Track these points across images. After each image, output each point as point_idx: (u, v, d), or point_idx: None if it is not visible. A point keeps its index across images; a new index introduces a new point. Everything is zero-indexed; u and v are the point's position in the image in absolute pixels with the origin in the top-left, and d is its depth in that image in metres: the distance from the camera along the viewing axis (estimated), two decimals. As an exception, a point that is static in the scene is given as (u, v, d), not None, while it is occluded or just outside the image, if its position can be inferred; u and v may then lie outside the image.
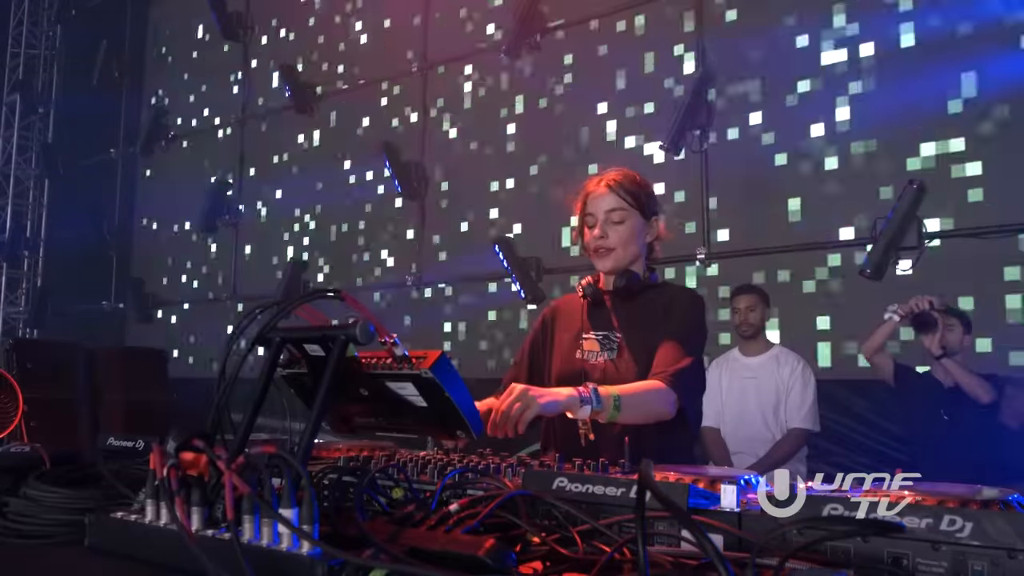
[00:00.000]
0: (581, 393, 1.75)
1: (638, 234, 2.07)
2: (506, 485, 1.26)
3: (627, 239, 2.04)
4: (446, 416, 1.31)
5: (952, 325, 3.69)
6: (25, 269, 10.36)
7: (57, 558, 1.19)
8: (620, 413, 1.79)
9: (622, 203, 2.04)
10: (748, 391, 4.04)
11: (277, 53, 7.97)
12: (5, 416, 2.22)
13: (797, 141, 4.80)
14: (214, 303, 8.11)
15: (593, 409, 1.76)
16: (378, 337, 1.23)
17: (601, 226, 2.04)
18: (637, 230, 2.06)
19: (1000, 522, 0.89)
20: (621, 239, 2.04)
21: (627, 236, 2.04)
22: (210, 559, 0.94)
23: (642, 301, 2.07)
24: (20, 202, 10.42)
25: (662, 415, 1.89)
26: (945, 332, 3.63)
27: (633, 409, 1.83)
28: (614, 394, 1.79)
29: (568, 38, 5.97)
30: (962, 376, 3.56)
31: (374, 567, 0.87)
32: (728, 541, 1.03)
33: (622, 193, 2.04)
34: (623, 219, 2.04)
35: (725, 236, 5.02)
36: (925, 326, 3.63)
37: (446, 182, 6.53)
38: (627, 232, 2.04)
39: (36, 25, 10.44)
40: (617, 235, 2.04)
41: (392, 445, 1.76)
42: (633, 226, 2.05)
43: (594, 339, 2.10)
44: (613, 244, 2.04)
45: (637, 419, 1.87)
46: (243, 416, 1.24)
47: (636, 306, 2.06)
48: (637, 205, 2.05)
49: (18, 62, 10.31)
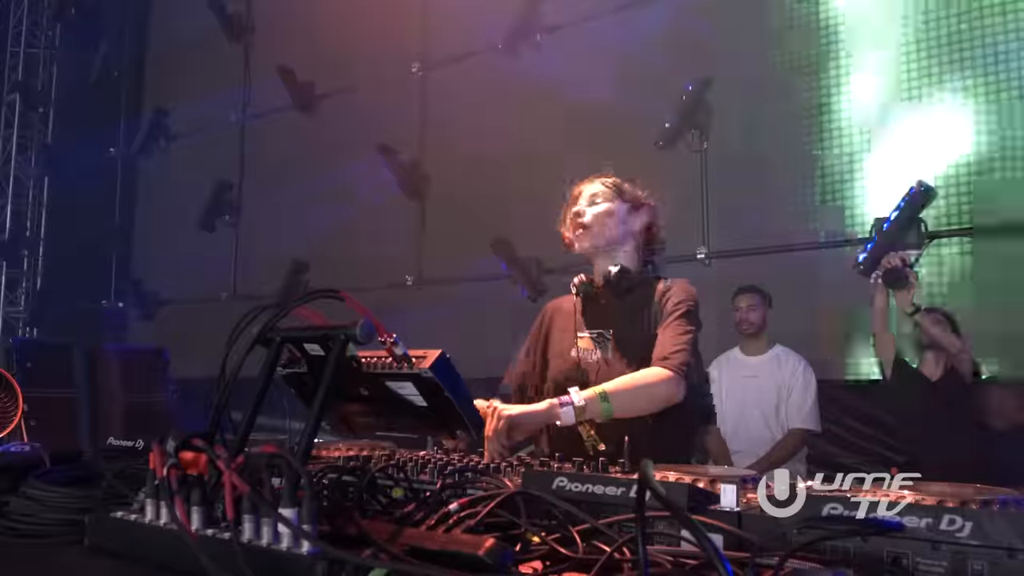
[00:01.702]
0: (561, 401, 1.75)
1: (618, 217, 2.11)
2: (506, 485, 1.26)
3: (603, 218, 2.09)
4: (446, 416, 1.31)
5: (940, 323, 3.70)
6: (25, 269, 10.36)
7: (57, 558, 1.19)
8: (612, 407, 1.79)
9: (604, 189, 2.12)
10: (748, 390, 4.04)
11: (277, 53, 7.96)
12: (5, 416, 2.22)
13: (797, 141, 4.80)
14: (214, 303, 8.11)
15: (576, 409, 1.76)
16: (378, 337, 1.23)
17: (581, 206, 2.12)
18: (618, 213, 2.11)
19: (1000, 522, 0.89)
20: (597, 218, 2.09)
21: (603, 215, 2.09)
22: (210, 559, 0.94)
23: (634, 296, 2.07)
24: (20, 202, 10.41)
25: (668, 399, 1.89)
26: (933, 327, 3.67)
27: (629, 400, 1.83)
28: (601, 391, 1.79)
29: (568, 37, 5.97)
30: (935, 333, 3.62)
31: (374, 567, 0.87)
32: (728, 541, 1.03)
33: (606, 182, 2.14)
34: (603, 201, 2.11)
35: (725, 236, 5.02)
36: (897, 282, 3.68)
37: (446, 182, 6.53)
38: (604, 212, 2.09)
39: (36, 25, 10.42)
40: (594, 214, 2.09)
41: (392, 445, 1.77)
42: (612, 209, 2.11)
43: (588, 338, 2.11)
44: (589, 222, 2.09)
45: (637, 409, 1.87)
46: (243, 416, 1.24)
47: (628, 301, 2.06)
48: (619, 193, 2.12)
49: (17, 61, 10.30)
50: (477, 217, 6.28)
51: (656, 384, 1.88)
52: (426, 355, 1.27)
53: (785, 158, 4.86)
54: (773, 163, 4.88)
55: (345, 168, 7.22)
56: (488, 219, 6.20)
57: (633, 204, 2.12)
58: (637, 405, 1.87)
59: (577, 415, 1.78)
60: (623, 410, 1.83)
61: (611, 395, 1.80)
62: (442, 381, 1.26)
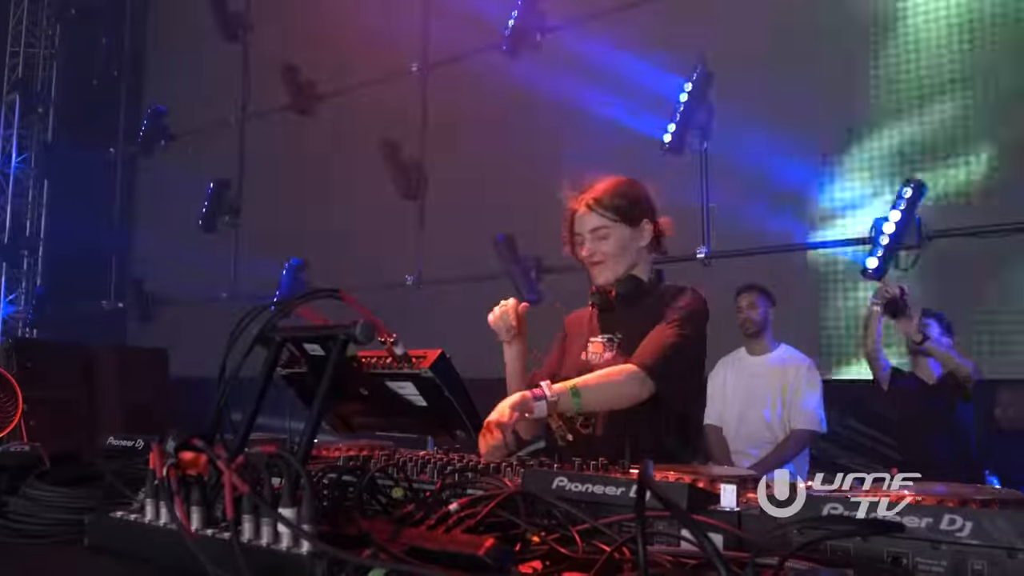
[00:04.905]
0: (534, 393, 1.80)
1: (625, 244, 2.11)
2: (506, 485, 1.26)
3: (615, 252, 2.10)
4: (446, 416, 1.32)
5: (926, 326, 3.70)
6: (25, 269, 10.36)
7: (57, 558, 1.20)
8: (581, 401, 1.83)
9: (604, 220, 2.08)
10: (752, 390, 4.00)
11: (277, 53, 7.96)
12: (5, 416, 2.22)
13: (797, 139, 4.80)
14: (214, 303, 8.11)
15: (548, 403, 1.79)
16: (378, 337, 1.23)
17: (588, 246, 2.11)
18: (624, 241, 2.11)
19: (1000, 521, 0.89)
20: (609, 253, 2.10)
21: (614, 249, 2.10)
22: (210, 559, 0.94)
23: (646, 304, 2.10)
24: (20, 202, 10.41)
25: (632, 397, 1.91)
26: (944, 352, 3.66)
27: (596, 394, 1.87)
28: (572, 385, 1.83)
29: (569, 36, 5.97)
30: (944, 358, 3.60)
31: (374, 567, 0.87)
32: (728, 541, 1.03)
33: (602, 211, 2.08)
34: (607, 235, 2.09)
35: (725, 236, 5.02)
36: (897, 312, 3.65)
37: (445, 181, 6.53)
38: (614, 246, 2.10)
39: (36, 24, 10.43)
40: (604, 251, 2.10)
41: (392, 445, 1.77)
42: (619, 238, 2.10)
43: (600, 341, 2.16)
44: (601, 259, 2.11)
45: (604, 404, 1.92)
46: (243, 416, 1.24)
47: (640, 310, 2.09)
48: (620, 217, 2.09)
49: (17, 61, 10.30)
50: (477, 217, 6.28)
51: (622, 381, 1.91)
52: (426, 355, 1.27)
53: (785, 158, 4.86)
54: (773, 163, 4.88)
55: (345, 168, 7.23)
56: (488, 219, 6.20)
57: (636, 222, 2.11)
58: (604, 399, 1.91)
59: (549, 408, 1.82)
60: (591, 404, 1.88)
61: (581, 389, 1.84)
62: (442, 381, 1.26)
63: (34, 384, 3.78)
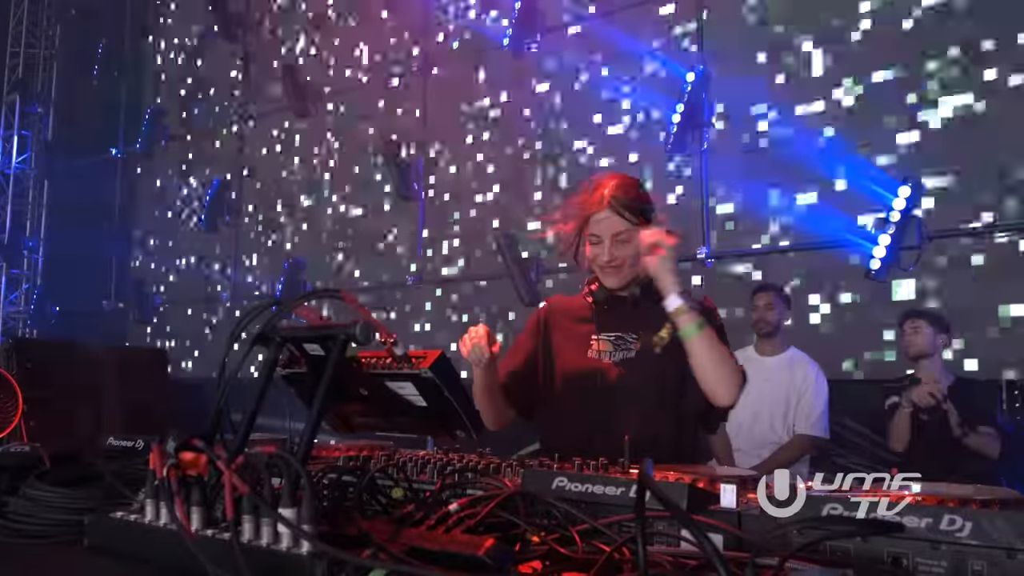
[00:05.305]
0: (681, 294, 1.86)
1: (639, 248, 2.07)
2: (506, 485, 1.26)
3: (635, 256, 2.04)
4: (446, 416, 1.31)
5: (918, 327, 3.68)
6: (25, 269, 10.36)
7: (57, 558, 1.20)
8: (699, 335, 1.86)
9: (627, 224, 2.02)
10: (759, 391, 3.97)
11: (277, 53, 7.96)
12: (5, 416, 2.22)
13: (797, 139, 4.80)
14: (214, 303, 8.11)
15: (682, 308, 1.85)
16: (378, 336, 1.23)
17: (609, 249, 2.03)
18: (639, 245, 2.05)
19: (999, 522, 0.89)
20: (628, 258, 2.04)
21: (635, 253, 2.03)
22: (210, 559, 0.94)
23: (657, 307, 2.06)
24: (20, 202, 10.41)
25: (730, 384, 1.92)
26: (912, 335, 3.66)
27: (709, 349, 1.88)
28: (701, 320, 1.87)
29: (569, 36, 5.97)
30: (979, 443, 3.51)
31: (374, 567, 0.87)
32: (728, 541, 1.03)
33: (626, 214, 2.02)
34: (629, 239, 2.02)
35: (725, 236, 5.02)
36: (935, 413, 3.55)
37: (446, 182, 6.53)
38: (633, 251, 2.03)
39: (36, 24, 10.42)
40: (625, 254, 2.04)
41: (392, 445, 1.76)
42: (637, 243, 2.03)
43: (606, 340, 2.10)
44: (621, 263, 2.05)
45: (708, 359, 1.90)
46: (243, 416, 1.24)
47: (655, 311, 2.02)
48: (641, 221, 2.03)
49: (18, 61, 10.29)
50: (477, 217, 6.28)
51: (736, 366, 1.94)
52: (426, 355, 1.27)
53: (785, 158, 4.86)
54: (773, 163, 4.88)
55: (345, 168, 7.23)
56: (488, 219, 6.20)
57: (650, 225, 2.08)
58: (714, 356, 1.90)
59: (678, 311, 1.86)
60: (700, 351, 1.88)
61: (706, 333, 1.87)
62: (442, 381, 1.26)
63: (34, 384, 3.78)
